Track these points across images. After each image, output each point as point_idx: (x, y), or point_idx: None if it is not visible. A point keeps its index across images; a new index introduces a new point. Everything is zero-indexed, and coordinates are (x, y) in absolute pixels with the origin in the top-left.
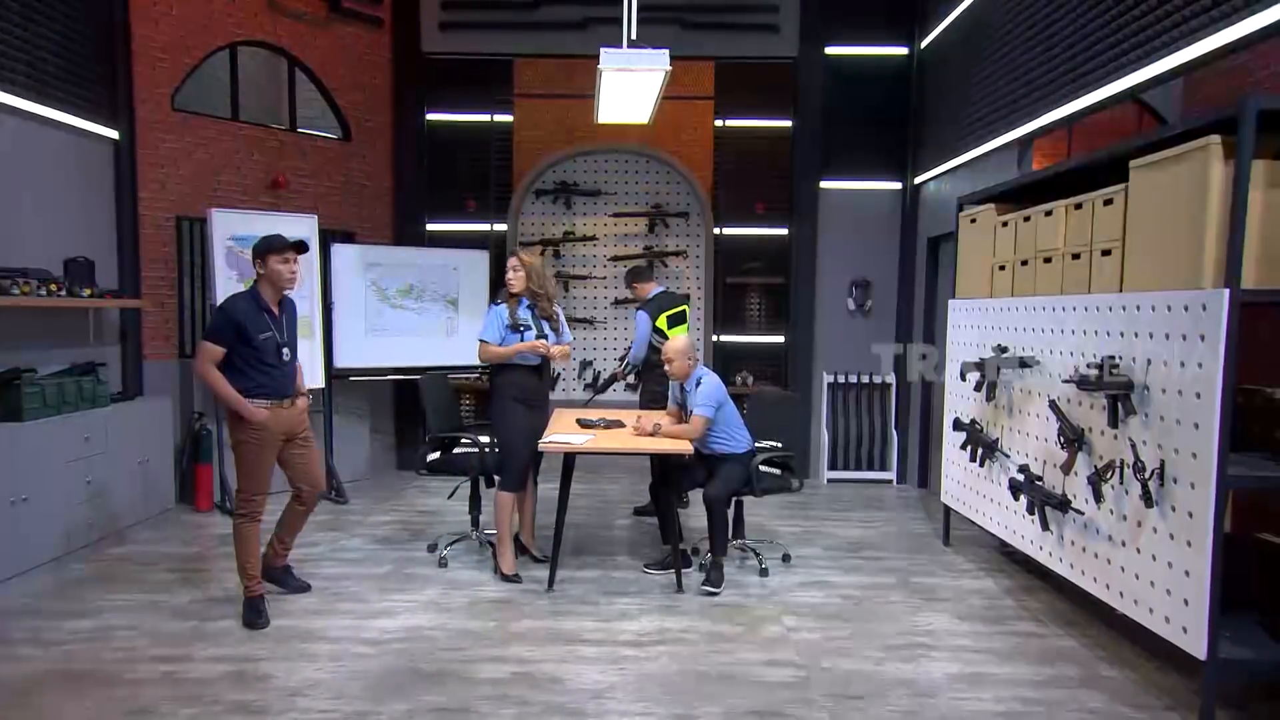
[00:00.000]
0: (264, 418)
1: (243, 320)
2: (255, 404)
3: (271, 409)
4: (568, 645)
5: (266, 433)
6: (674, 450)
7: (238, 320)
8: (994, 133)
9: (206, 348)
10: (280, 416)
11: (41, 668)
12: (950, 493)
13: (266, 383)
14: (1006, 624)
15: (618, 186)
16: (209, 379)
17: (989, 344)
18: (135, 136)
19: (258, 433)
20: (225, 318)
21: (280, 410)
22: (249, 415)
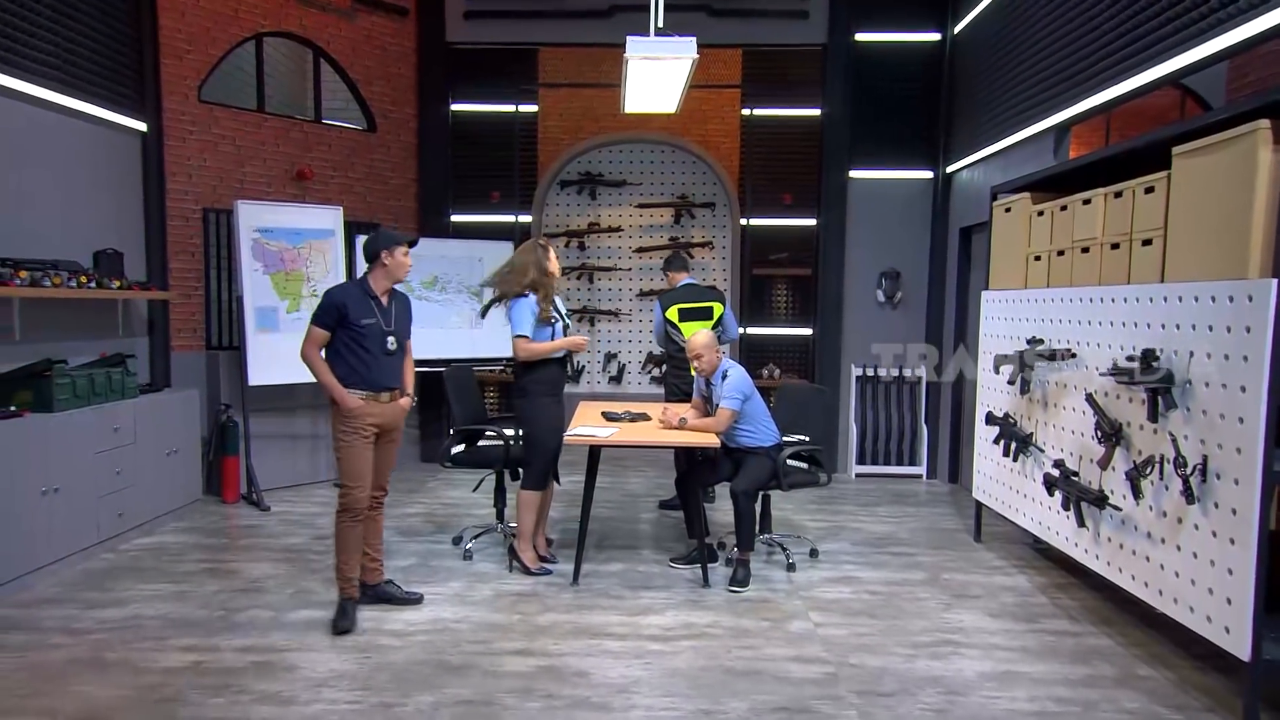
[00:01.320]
0: (357, 406)
1: (346, 303)
2: (351, 393)
3: (367, 400)
4: (593, 639)
5: (359, 422)
6: (700, 443)
7: (341, 303)
8: (1029, 120)
9: (311, 331)
10: (376, 409)
11: (73, 655)
12: (982, 488)
13: (364, 373)
14: (1040, 622)
15: (643, 177)
16: (311, 362)
17: (1023, 336)
18: (163, 128)
19: (352, 422)
20: (329, 301)
21: (377, 403)
22: (342, 401)
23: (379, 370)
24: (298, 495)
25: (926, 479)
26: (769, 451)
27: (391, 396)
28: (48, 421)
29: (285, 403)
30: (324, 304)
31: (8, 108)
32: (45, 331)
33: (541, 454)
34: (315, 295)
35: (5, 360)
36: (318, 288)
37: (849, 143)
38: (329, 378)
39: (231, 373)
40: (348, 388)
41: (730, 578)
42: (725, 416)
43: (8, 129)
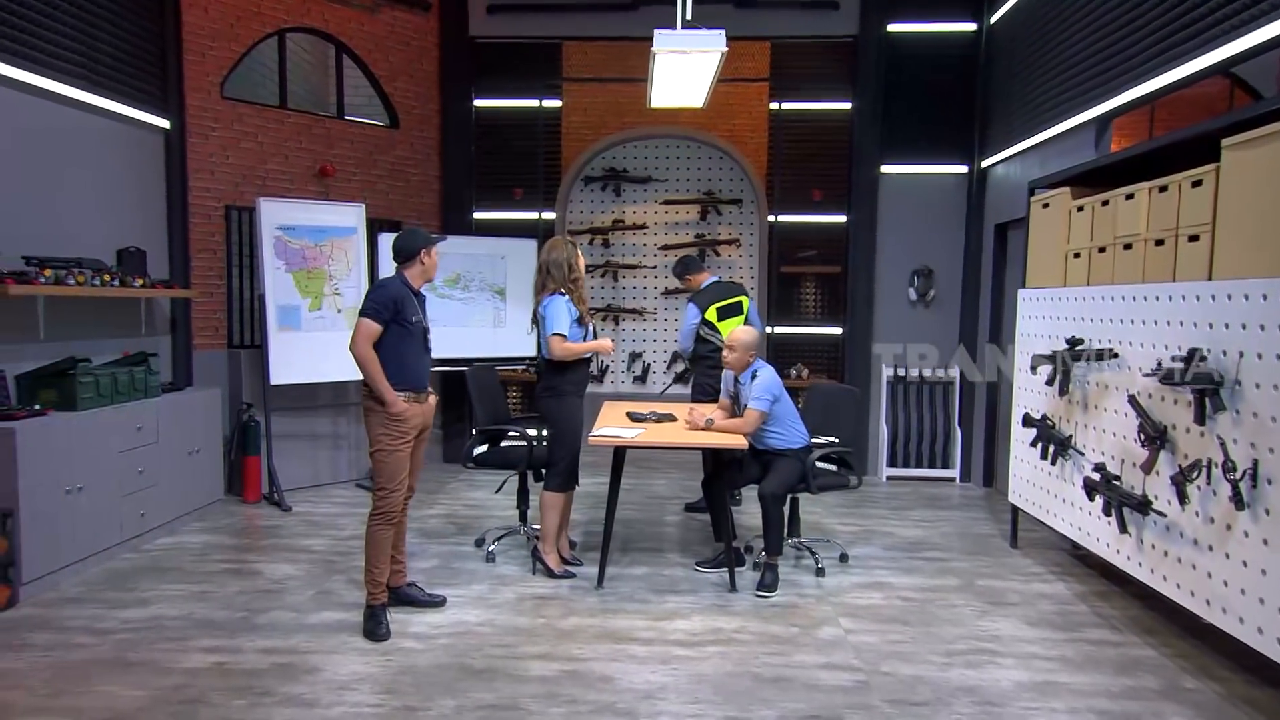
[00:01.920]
0: (405, 409)
1: (399, 298)
2: (397, 395)
3: (410, 402)
4: (618, 644)
5: (405, 425)
6: (727, 445)
7: (398, 296)
8: (1069, 112)
9: (365, 325)
10: (417, 410)
11: (97, 655)
12: (1018, 492)
13: (409, 373)
14: (1079, 631)
15: (668, 173)
16: (365, 358)
17: (1062, 335)
18: (185, 125)
19: (398, 424)
20: (385, 294)
21: (418, 404)
22: (391, 403)
23: (423, 369)
24: (319, 496)
25: (960, 482)
26: (798, 453)
27: (427, 395)
28: (72, 420)
29: (307, 402)
30: (378, 297)
31: (32, 105)
32: (69, 330)
33: (569, 455)
34: (338, 294)
35: (30, 359)
36: (339, 286)
37: (880, 137)
38: (383, 377)
39: (253, 372)
40: (395, 389)
41: (758, 582)
42: (754, 418)
43: (33, 127)
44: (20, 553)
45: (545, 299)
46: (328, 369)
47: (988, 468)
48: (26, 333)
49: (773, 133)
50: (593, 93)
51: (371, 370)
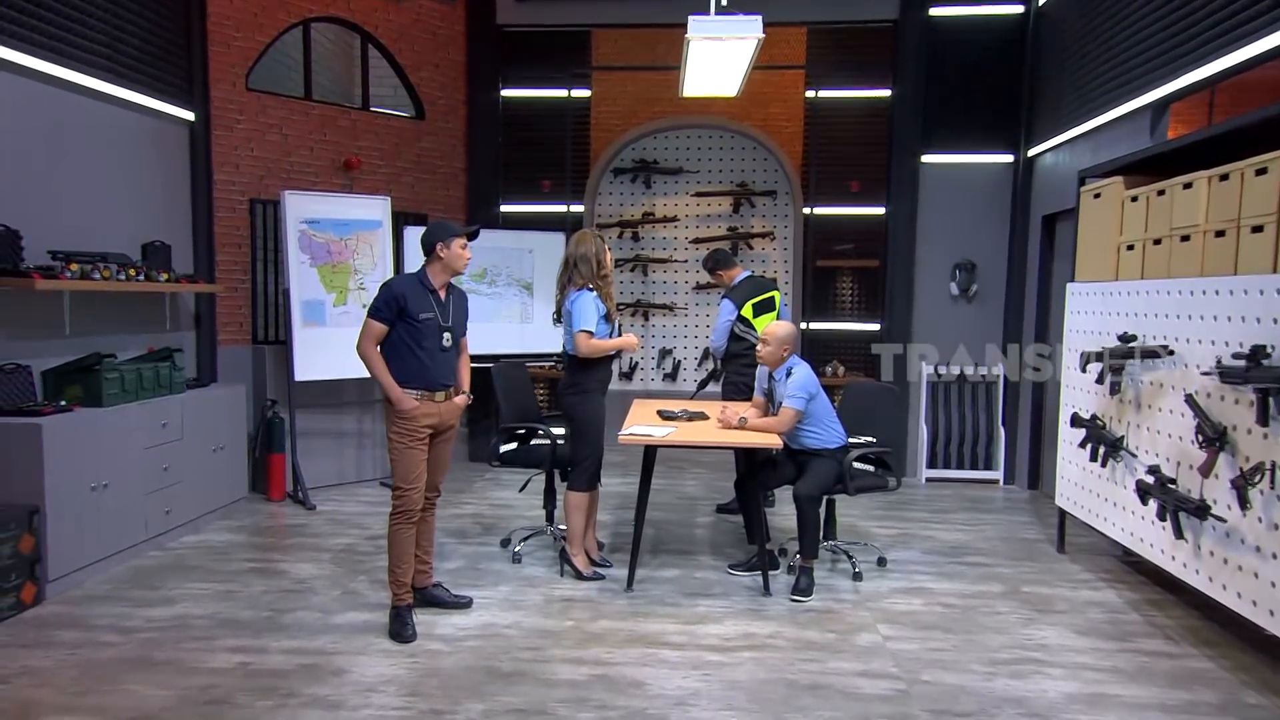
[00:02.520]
0: (413, 407)
1: (406, 295)
2: (407, 393)
3: (422, 399)
4: (648, 648)
5: (415, 423)
6: (761, 444)
7: (401, 294)
8: (1122, 97)
9: (369, 325)
10: (432, 409)
11: (122, 654)
12: (1066, 495)
13: (420, 370)
14: (1132, 641)
15: (700, 164)
16: (368, 358)
17: (1113, 331)
18: (210, 117)
19: (406, 423)
20: (388, 293)
21: (432, 402)
22: (397, 401)
23: (435, 368)
24: (344, 494)
25: (1004, 484)
26: (834, 453)
27: (447, 395)
28: (97, 417)
29: (332, 399)
30: (383, 296)
31: (58, 98)
32: (94, 325)
33: (594, 453)
34: (363, 288)
35: (55, 354)
36: (365, 281)
37: (921, 125)
38: (387, 376)
39: (278, 368)
40: (403, 386)
41: (793, 586)
42: (789, 416)
43: (58, 120)
44: (47, 550)
45: (572, 294)
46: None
47: (1033, 470)
48: (52, 328)
49: (809, 122)
50: (622, 82)
51: (375, 368)
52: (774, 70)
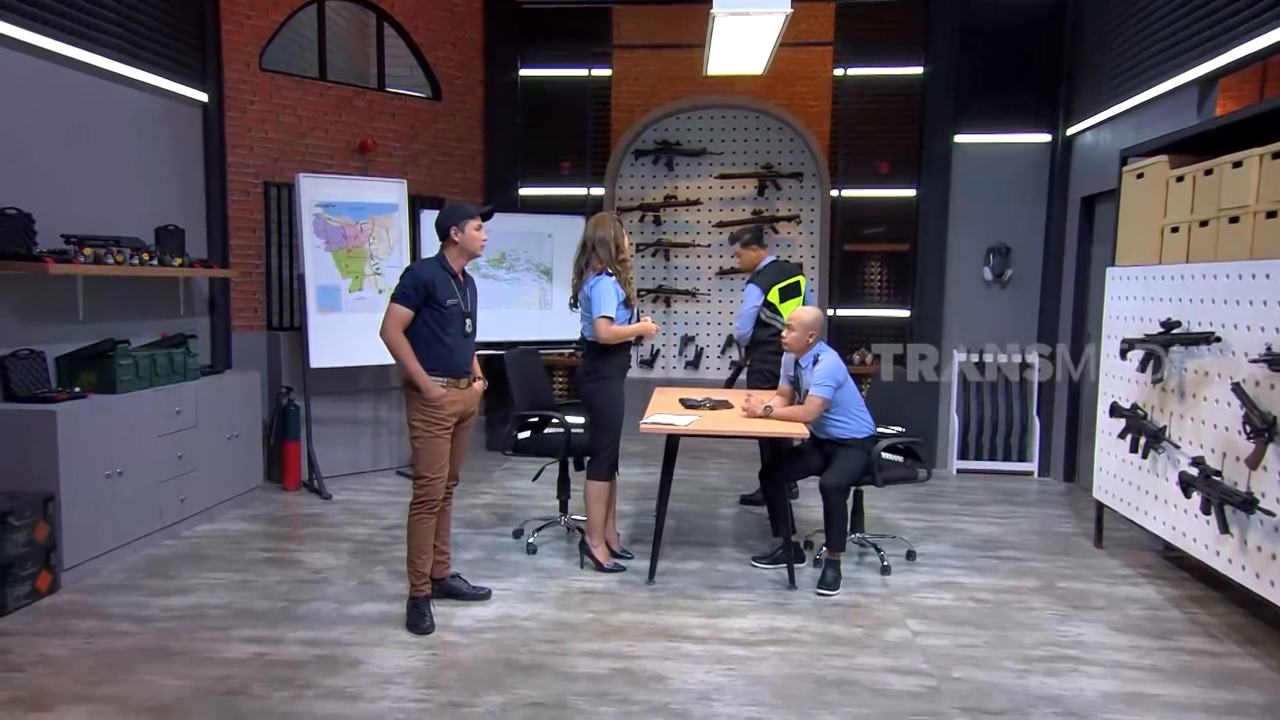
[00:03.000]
0: (441, 395)
1: (433, 280)
2: (434, 380)
3: (448, 387)
4: (670, 641)
5: (442, 411)
6: (786, 434)
7: (429, 279)
8: (1168, 72)
9: (395, 310)
10: (457, 396)
11: (138, 644)
12: (1104, 487)
13: (447, 357)
14: (1173, 638)
15: (724, 145)
16: (395, 344)
17: (1155, 317)
18: (224, 98)
19: (433, 411)
20: (415, 278)
21: (457, 389)
22: (426, 389)
23: (460, 354)
24: (360, 483)
25: (1038, 476)
26: (862, 443)
27: (469, 381)
28: (111, 403)
29: (348, 386)
30: (409, 280)
31: (69, 79)
32: (107, 311)
33: (612, 441)
34: (379, 273)
35: (68, 340)
36: (381, 265)
37: (954, 104)
38: (415, 363)
39: (293, 354)
40: (430, 374)
41: (819, 579)
42: (815, 405)
43: (69, 101)
44: (61, 538)
45: (591, 279)
46: (369, 352)
47: (1069, 461)
48: (65, 314)
49: (837, 101)
50: (644, 60)
51: (402, 356)
52: (801, 47)
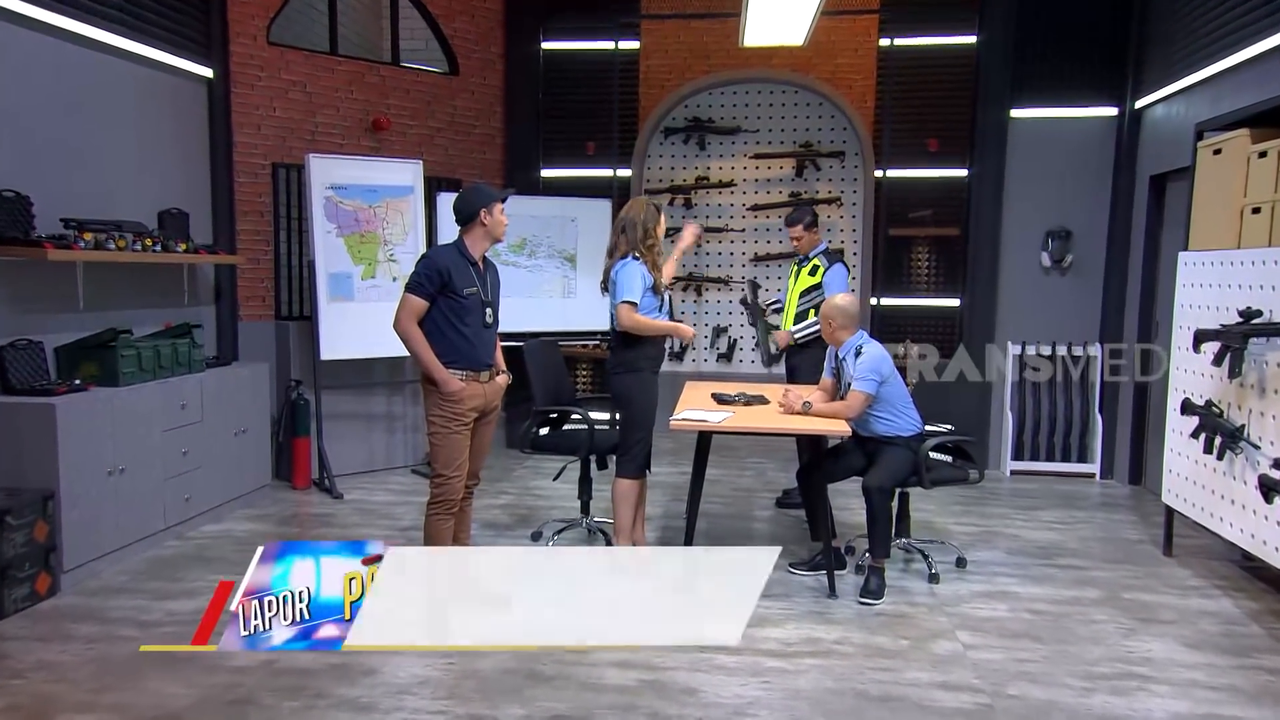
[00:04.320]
0: (459, 389)
1: (449, 268)
2: (452, 373)
3: (467, 380)
4: (702, 653)
5: (461, 406)
6: (826, 431)
7: (445, 267)
8: (1249, 38)
9: (409, 300)
10: (477, 390)
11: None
12: (1174, 491)
13: (465, 349)
14: (1252, 656)
15: (760, 123)
16: (409, 336)
17: (1233, 306)
18: (230, 74)
19: (451, 405)
20: (430, 265)
21: (477, 383)
22: (443, 382)
23: (480, 346)
24: (373, 482)
25: (1101, 479)
26: (909, 442)
27: (490, 374)
28: (113, 397)
29: (360, 379)
30: (424, 269)
31: (69, 54)
32: (108, 299)
33: (643, 437)
34: (393, 260)
35: (68, 330)
36: (395, 252)
37: (1011, 75)
38: (431, 355)
39: (303, 345)
40: (447, 366)
41: (861, 587)
42: (858, 401)
43: (68, 77)
44: (62, 538)
45: (619, 262)
46: (382, 343)
47: (1135, 462)
48: (65, 302)
49: (882, 74)
50: (675, 32)
51: (417, 348)
52: (844, 16)
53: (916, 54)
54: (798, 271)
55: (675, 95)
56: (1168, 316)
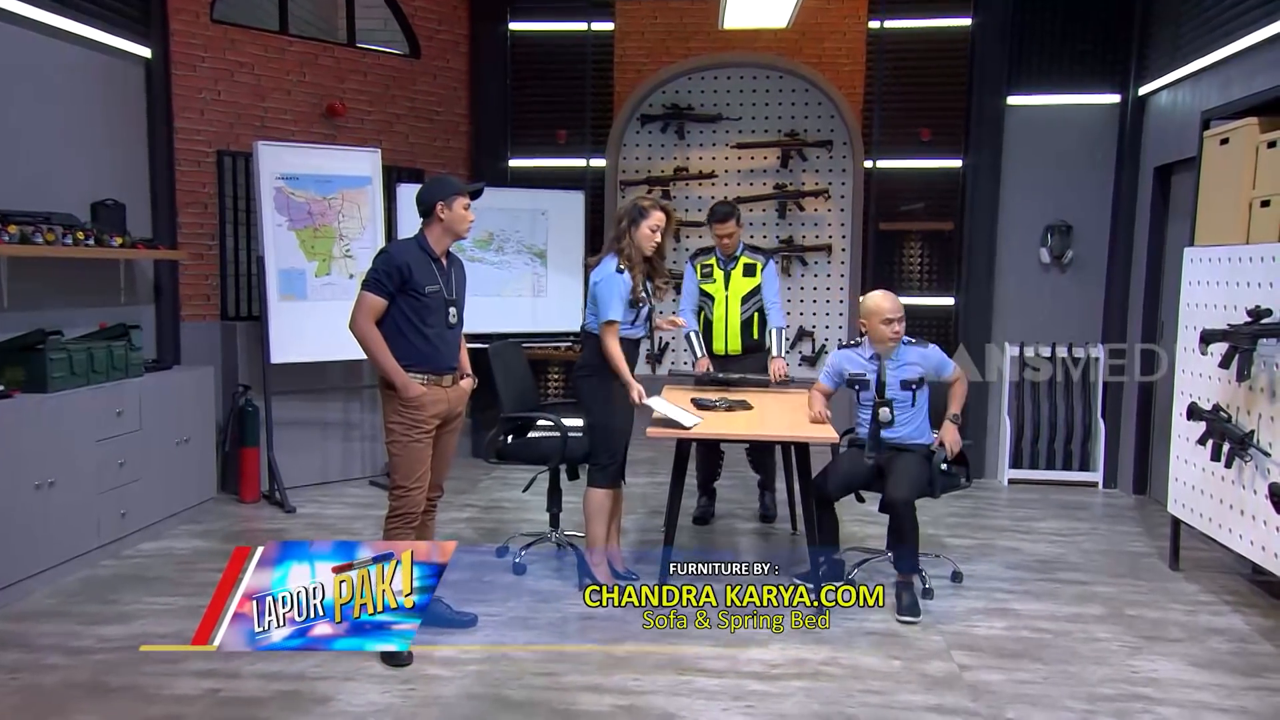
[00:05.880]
0: (420, 394)
1: (410, 265)
2: (412, 377)
3: (429, 385)
4: (681, 675)
5: (422, 413)
6: (814, 439)
7: (404, 264)
8: (1259, 20)
9: (365, 299)
10: (440, 395)
11: (71, 679)
12: (1181, 501)
13: (427, 351)
14: (1264, 676)
15: (743, 110)
16: (366, 338)
17: (1242, 305)
18: (170, 54)
19: (412, 412)
20: (388, 262)
21: (439, 388)
22: (403, 387)
23: (443, 348)
24: (328, 495)
25: (1104, 488)
26: (926, 449)
27: (454, 378)
28: (42, 403)
29: (314, 384)
30: (382, 265)
31: None
32: (36, 297)
33: (611, 445)
34: (349, 256)
35: None
36: (352, 247)
37: (1008, 60)
38: (390, 358)
39: (251, 348)
40: (407, 370)
41: (897, 605)
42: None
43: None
44: None
45: (600, 263)
46: (338, 345)
47: (1139, 471)
48: None
49: (872, 58)
50: (651, 12)
51: (374, 350)
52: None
53: (908, 37)
54: (726, 275)
55: (652, 80)
56: (1173, 316)
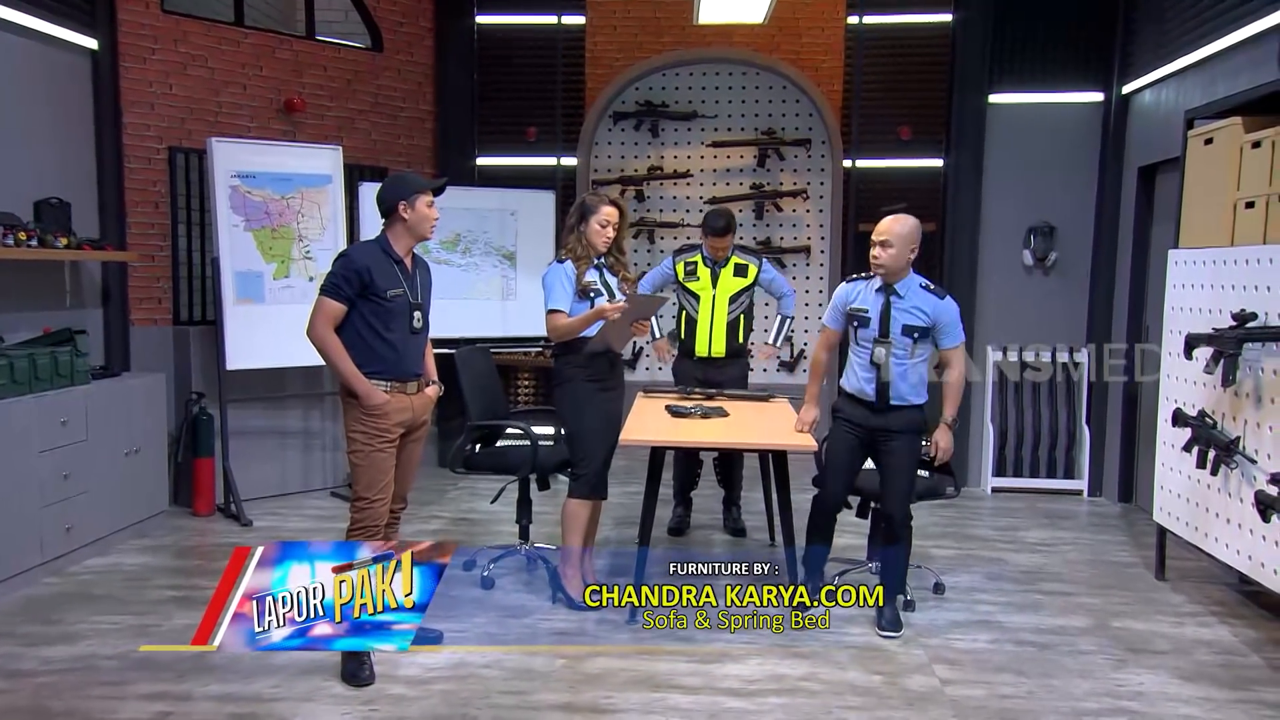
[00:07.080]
0: (383, 402)
1: (370, 268)
2: (374, 385)
3: (393, 393)
4: (655, 691)
5: (385, 421)
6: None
7: (364, 267)
8: (1243, 18)
9: (324, 304)
10: (404, 403)
11: (11, 704)
12: (1166, 509)
13: (390, 357)
14: (1251, 689)
15: (719, 107)
16: (325, 344)
17: (1227, 308)
18: (117, 45)
19: (374, 420)
20: (348, 265)
21: (403, 395)
22: (365, 395)
23: (408, 353)
24: (287, 507)
25: (1089, 496)
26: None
27: (419, 385)
28: None
29: (272, 391)
30: (341, 269)
31: None
32: None
33: (588, 456)
34: (309, 257)
35: None
36: (311, 248)
37: (991, 57)
38: (350, 365)
39: (205, 354)
40: (370, 377)
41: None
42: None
43: None
44: None
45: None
46: (296, 351)
47: (1125, 478)
48: None
49: (851, 55)
50: (624, 6)
51: (334, 357)
52: None
53: (888, 33)
54: (714, 274)
55: (625, 76)
56: (1158, 319)
